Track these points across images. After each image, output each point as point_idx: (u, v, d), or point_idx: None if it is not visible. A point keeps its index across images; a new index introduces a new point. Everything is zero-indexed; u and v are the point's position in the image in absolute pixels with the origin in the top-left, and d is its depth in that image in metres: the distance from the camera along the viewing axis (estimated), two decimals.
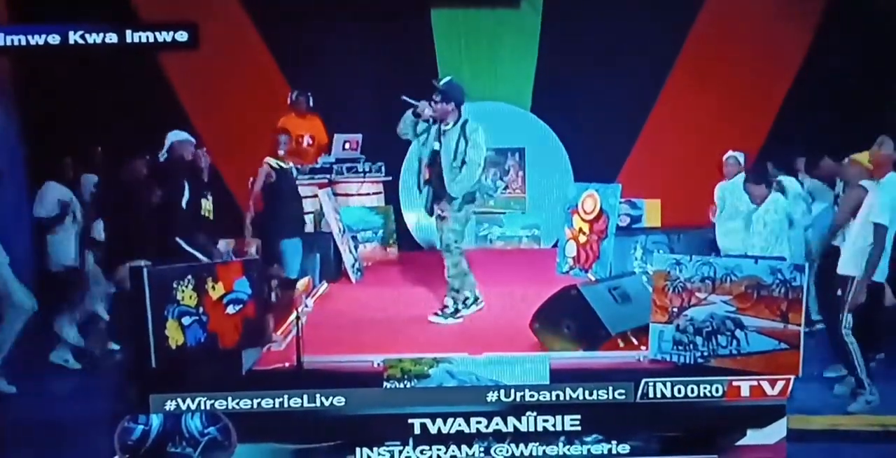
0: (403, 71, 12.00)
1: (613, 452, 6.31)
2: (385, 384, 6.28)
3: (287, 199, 9.64)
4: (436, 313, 8.49)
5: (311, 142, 11.60)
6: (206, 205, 8.85)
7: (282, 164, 9.55)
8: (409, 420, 6.29)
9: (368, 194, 11.43)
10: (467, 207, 8.45)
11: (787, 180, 9.15)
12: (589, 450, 6.30)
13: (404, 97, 8.24)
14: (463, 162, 8.23)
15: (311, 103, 11.60)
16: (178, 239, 8.23)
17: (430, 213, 8.48)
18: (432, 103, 8.23)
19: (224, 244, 9.13)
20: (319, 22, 12.18)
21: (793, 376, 6.29)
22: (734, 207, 9.43)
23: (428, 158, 8.38)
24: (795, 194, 9.11)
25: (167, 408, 6.18)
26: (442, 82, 8.31)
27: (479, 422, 6.29)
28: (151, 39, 10.61)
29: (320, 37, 12.23)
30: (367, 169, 11.40)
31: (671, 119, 12.57)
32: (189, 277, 6.56)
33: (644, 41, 12.27)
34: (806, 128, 11.67)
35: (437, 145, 8.33)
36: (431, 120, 8.31)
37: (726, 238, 9.50)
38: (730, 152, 9.84)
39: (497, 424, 6.30)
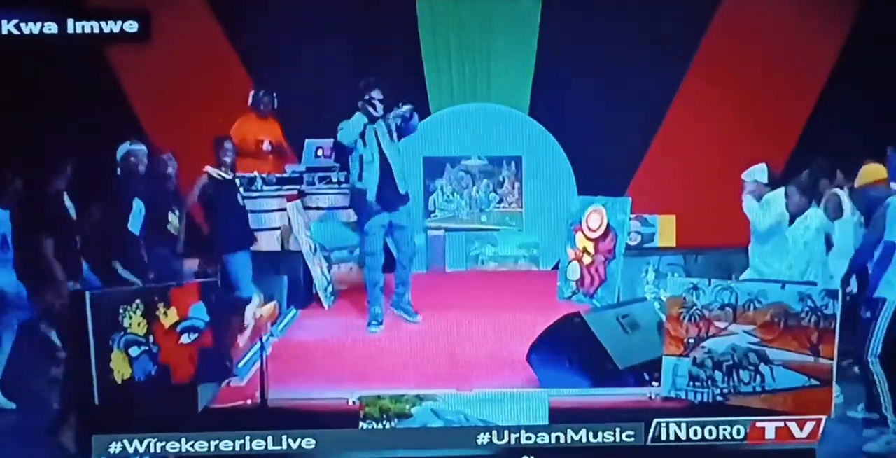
0: (383, 68, 12.02)
1: None
2: (361, 424, 6.30)
3: (227, 211, 9.57)
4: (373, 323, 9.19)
5: (270, 147, 11.55)
6: (174, 220, 8.83)
7: (223, 174, 9.43)
8: None
9: (343, 208, 11.44)
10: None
11: (842, 195, 9.08)
12: None
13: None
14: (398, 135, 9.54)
15: (275, 104, 11.59)
16: (114, 262, 8.18)
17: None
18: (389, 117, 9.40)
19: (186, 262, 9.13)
20: (288, 12, 12.18)
21: (824, 417, 6.33)
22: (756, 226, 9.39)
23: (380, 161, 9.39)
24: (849, 216, 9.05)
25: (112, 451, 6.19)
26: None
27: None
28: (97, 30, 10.59)
29: (289, 29, 12.22)
30: (341, 179, 11.40)
31: (689, 123, 12.55)
32: (137, 301, 6.59)
33: (658, 35, 12.27)
34: (841, 135, 11.68)
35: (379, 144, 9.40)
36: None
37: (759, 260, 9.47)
38: (744, 175, 9.55)
39: None
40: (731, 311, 6.67)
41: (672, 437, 6.30)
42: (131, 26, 10.64)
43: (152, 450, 6.20)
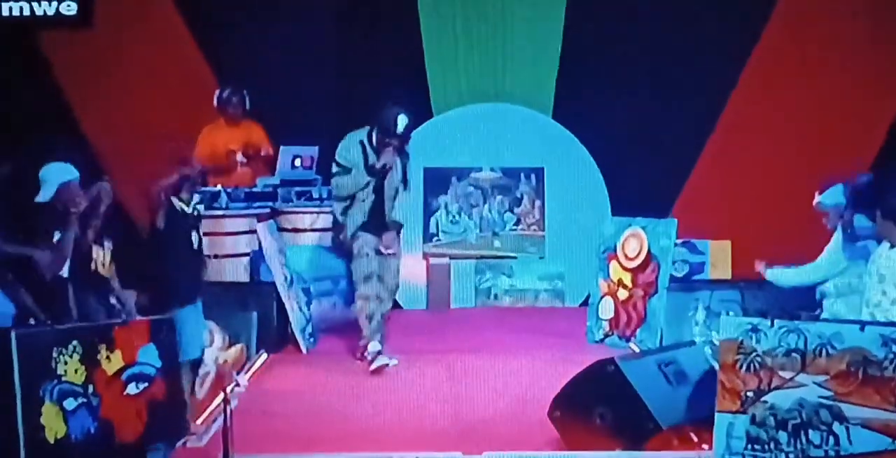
0: (376, 64, 12.09)
1: None
2: None
3: (176, 252, 9.38)
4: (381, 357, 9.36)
5: (245, 160, 11.54)
6: (101, 256, 8.79)
7: (184, 206, 9.24)
8: None
9: (327, 230, 11.45)
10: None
11: None
12: None
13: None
14: (405, 179, 9.95)
15: (247, 105, 11.59)
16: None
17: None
18: (392, 149, 9.68)
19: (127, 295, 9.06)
20: None
21: None
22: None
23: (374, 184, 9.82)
24: None
25: None
26: (401, 127, 9.63)
27: None
28: (27, 12, 10.63)
29: (263, 17, 12.29)
30: (324, 195, 11.42)
31: (746, 131, 12.59)
32: (75, 343, 6.59)
33: (710, 23, 12.35)
34: None
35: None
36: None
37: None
38: (816, 197, 9.49)
39: None
40: (799, 358, 6.66)
41: None
42: (69, 8, 10.67)
43: None
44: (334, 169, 9.88)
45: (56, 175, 8.19)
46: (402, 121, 9.63)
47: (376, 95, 9.15)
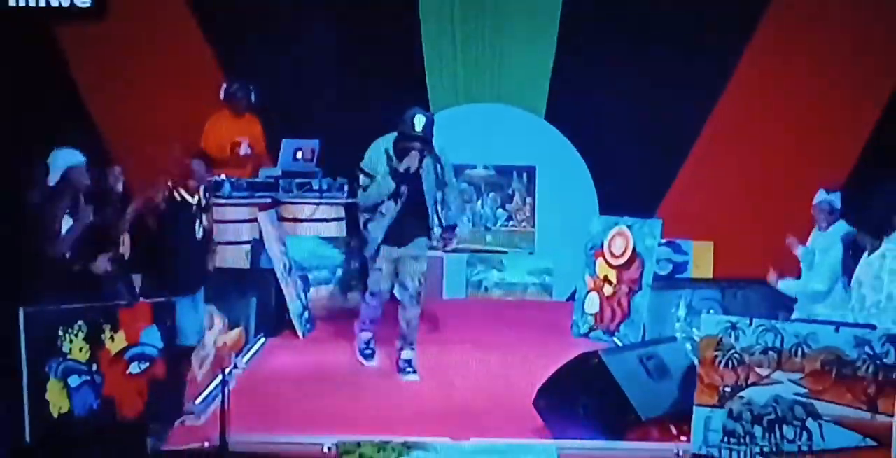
0: (377, 58, 12.08)
1: None
2: None
3: (179, 241, 9.37)
4: (408, 370, 8.94)
5: (249, 151, 11.55)
6: (124, 241, 8.78)
7: (187, 196, 9.21)
8: None
9: (325, 221, 11.44)
10: None
11: None
12: None
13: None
14: (441, 181, 9.15)
15: (252, 99, 11.59)
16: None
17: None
18: (416, 152, 8.92)
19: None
20: None
21: None
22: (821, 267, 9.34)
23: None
24: None
25: None
26: (419, 127, 8.95)
27: None
28: (42, 4, 10.62)
29: (269, 10, 12.28)
30: (324, 187, 11.42)
31: (732, 135, 12.60)
32: (80, 322, 6.58)
33: (699, 28, 12.34)
34: None
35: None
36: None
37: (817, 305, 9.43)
38: (822, 195, 9.37)
39: None
40: (776, 356, 6.67)
41: None
42: (84, 1, 10.65)
43: None
44: (361, 179, 9.15)
45: (63, 160, 8.23)
46: (419, 121, 8.93)
47: (377, 94, 9.06)
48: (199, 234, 9.09)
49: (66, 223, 8.16)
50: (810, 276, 9.23)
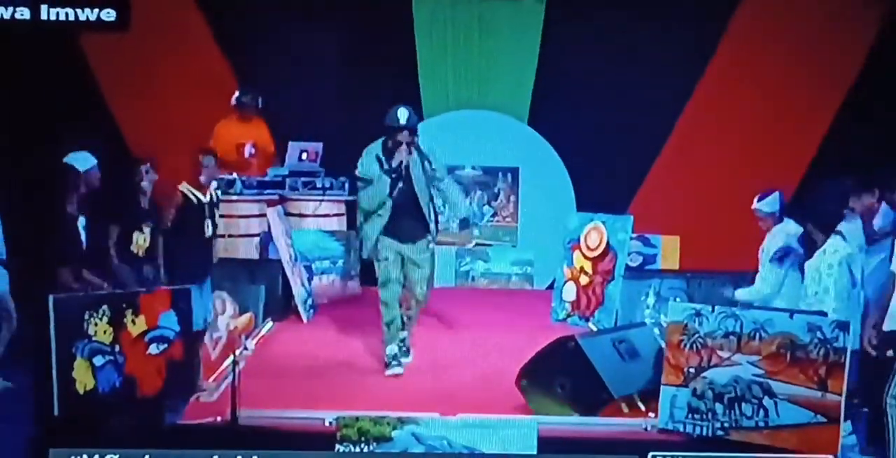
0: (375, 69, 12.08)
1: None
2: (338, 446, 6.30)
3: (190, 236, 9.30)
4: (392, 364, 8.65)
5: (253, 152, 11.53)
6: (140, 239, 8.72)
7: (198, 194, 9.12)
8: None
9: (327, 216, 11.47)
10: None
11: (851, 227, 8.93)
12: None
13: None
14: (428, 175, 8.86)
15: (259, 105, 11.58)
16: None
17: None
18: (404, 146, 8.66)
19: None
20: (277, 7, 12.22)
21: (830, 456, 6.35)
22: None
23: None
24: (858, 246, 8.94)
25: None
26: (403, 119, 8.67)
27: None
28: (71, 17, 10.58)
29: (277, 24, 12.26)
30: (327, 185, 11.44)
31: (698, 138, 12.57)
32: (104, 307, 6.60)
33: (670, 42, 12.31)
34: (859, 155, 11.66)
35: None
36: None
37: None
38: (755, 202, 9.00)
39: None
40: (736, 340, 6.70)
41: None
42: (108, 15, 10.61)
43: None
44: (359, 185, 8.90)
45: (80, 163, 8.19)
46: (402, 114, 8.65)
47: (376, 101, 8.99)
48: (209, 230, 9.07)
49: (82, 222, 8.16)
50: (758, 280, 9.15)
